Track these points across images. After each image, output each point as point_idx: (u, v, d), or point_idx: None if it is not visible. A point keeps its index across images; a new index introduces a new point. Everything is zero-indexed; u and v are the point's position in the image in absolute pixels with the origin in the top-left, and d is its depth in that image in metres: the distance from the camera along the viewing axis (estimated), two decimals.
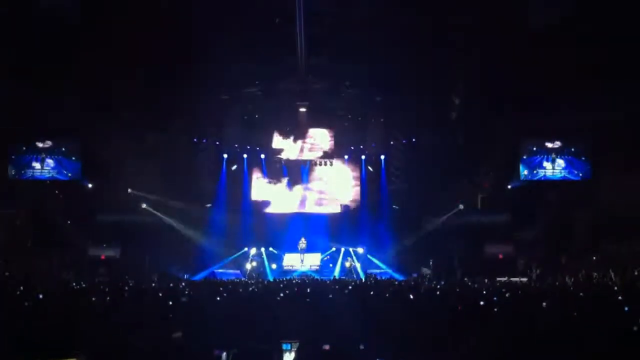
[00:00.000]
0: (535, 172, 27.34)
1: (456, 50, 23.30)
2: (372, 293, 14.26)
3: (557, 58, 22.08)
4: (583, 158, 26.99)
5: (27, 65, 22.74)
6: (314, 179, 30.85)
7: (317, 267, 28.45)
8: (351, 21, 23.34)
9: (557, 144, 27.25)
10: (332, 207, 30.80)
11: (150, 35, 22.44)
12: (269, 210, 30.56)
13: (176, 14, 22.13)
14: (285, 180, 30.69)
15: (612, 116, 23.16)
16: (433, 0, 21.92)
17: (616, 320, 8.23)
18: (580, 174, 26.98)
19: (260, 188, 30.90)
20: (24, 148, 27.24)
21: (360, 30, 23.49)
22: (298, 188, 30.71)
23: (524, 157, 27.50)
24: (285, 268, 28.35)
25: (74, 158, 27.32)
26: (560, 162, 27.14)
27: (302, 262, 28.38)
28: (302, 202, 30.73)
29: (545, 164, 27.20)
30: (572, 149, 27.22)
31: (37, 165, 27.08)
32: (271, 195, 30.76)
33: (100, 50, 22.81)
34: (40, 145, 27.22)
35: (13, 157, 27.11)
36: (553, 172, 27.23)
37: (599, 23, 20.35)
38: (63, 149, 27.35)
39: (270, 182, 30.85)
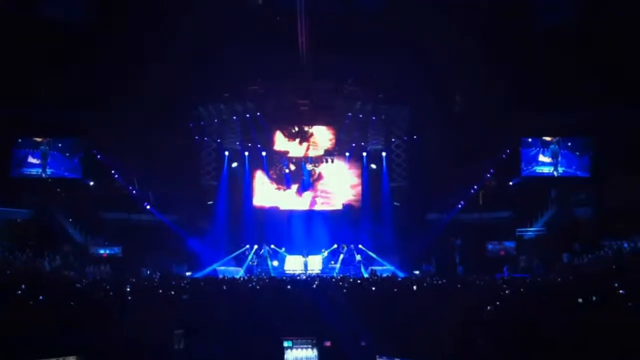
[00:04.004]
0: (533, 166, 27.21)
1: (458, 48, 23.33)
2: (373, 289, 14.31)
3: (560, 56, 22.19)
4: (578, 153, 26.87)
5: (29, 63, 22.86)
6: (317, 177, 30.77)
7: (319, 272, 28.15)
8: (353, 19, 23.39)
9: (555, 138, 27.14)
10: (334, 205, 30.79)
11: (153, 34, 22.54)
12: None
13: (179, 14, 22.23)
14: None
15: (615, 114, 23.25)
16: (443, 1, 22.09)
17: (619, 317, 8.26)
18: (579, 171, 26.85)
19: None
20: (20, 141, 27.17)
21: (362, 28, 23.53)
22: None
23: (521, 149, 27.36)
24: (287, 272, 28.02)
25: (70, 154, 27.24)
26: (558, 156, 27.01)
27: (305, 265, 28.11)
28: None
29: (541, 157, 27.06)
30: (569, 144, 27.12)
31: (34, 160, 27.03)
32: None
33: (102, 49, 22.94)
34: (38, 140, 27.20)
35: (13, 150, 26.99)
36: (552, 168, 27.09)
37: (603, 24, 20.54)
38: (60, 144, 27.31)
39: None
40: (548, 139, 27.13)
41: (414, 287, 14.26)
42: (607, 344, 6.62)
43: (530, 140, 27.34)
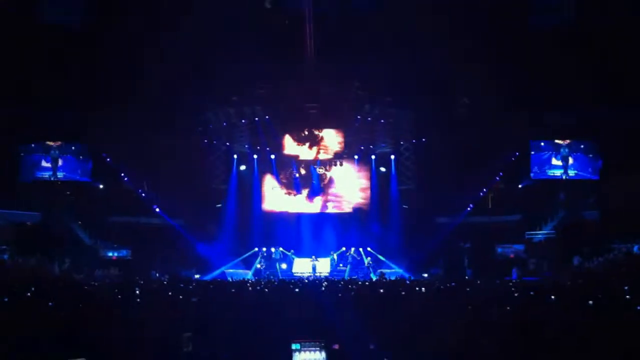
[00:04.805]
0: (544, 169, 27.08)
1: (464, 50, 23.28)
2: (381, 291, 14.27)
3: (560, 56, 22.15)
4: (591, 155, 26.71)
5: (29, 63, 22.96)
6: (327, 181, 30.69)
7: (327, 274, 28.03)
8: (360, 22, 23.38)
9: (567, 141, 27.00)
10: (344, 208, 30.71)
11: (161, 37, 22.61)
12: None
13: (187, 19, 22.30)
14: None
15: (615, 114, 23.18)
16: (443, 2, 22.05)
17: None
18: (591, 172, 26.68)
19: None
20: (33, 146, 27.37)
21: (370, 31, 23.52)
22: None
23: (532, 152, 27.25)
24: (295, 274, 27.92)
25: (81, 157, 27.40)
26: (569, 159, 26.86)
27: (313, 268, 28.01)
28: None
29: (554, 161, 26.92)
30: (582, 146, 26.96)
31: (46, 164, 27.15)
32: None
33: (110, 52, 23.01)
34: (50, 144, 27.35)
35: (22, 154, 27.20)
36: (563, 171, 26.93)
37: (603, 24, 20.51)
38: (73, 148, 27.45)
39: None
40: (559, 142, 26.99)
41: (422, 289, 14.19)
42: (612, 346, 6.58)
43: (542, 144, 27.20)
